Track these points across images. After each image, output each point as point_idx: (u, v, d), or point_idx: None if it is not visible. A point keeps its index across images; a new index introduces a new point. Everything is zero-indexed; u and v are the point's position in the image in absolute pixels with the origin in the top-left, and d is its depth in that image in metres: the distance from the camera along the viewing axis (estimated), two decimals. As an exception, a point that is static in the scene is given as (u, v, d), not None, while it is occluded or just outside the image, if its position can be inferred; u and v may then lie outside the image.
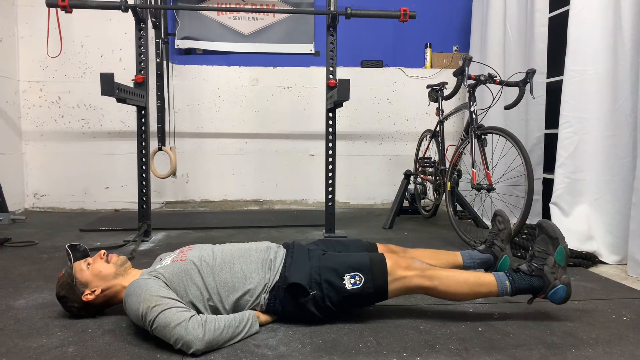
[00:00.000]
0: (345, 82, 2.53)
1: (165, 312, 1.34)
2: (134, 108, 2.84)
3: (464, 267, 1.85)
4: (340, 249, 1.79)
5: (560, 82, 2.68)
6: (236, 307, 1.52)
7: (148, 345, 1.39)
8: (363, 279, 1.52)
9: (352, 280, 1.52)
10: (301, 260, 1.60)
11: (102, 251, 1.63)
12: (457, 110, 3.13)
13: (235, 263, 1.57)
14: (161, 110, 3.44)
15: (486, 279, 1.57)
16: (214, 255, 1.60)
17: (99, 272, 1.56)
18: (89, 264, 1.58)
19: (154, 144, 3.26)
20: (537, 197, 2.99)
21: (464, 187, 3.09)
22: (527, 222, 2.78)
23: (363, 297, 1.53)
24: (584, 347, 1.42)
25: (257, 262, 1.59)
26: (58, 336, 1.46)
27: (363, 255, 1.61)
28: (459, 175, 3.02)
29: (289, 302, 1.53)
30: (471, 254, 1.90)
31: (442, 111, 3.34)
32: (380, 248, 1.87)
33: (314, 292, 1.51)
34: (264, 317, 1.55)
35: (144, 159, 2.85)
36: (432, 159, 3.48)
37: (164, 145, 3.46)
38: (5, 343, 1.42)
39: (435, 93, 3.39)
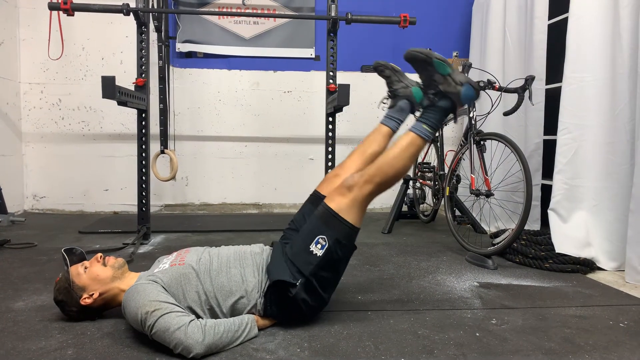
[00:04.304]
0: (346, 87, 2.55)
1: (164, 316, 1.34)
2: (134, 110, 2.85)
3: (394, 131, 1.85)
4: (301, 224, 1.73)
5: (559, 88, 2.69)
6: (233, 311, 1.53)
7: (147, 349, 1.39)
8: (325, 237, 1.53)
9: (319, 246, 1.53)
10: (276, 257, 1.60)
11: (99, 254, 1.62)
12: (456, 115, 3.14)
13: (231, 267, 1.58)
14: (163, 113, 3.45)
15: (407, 139, 1.62)
16: (210, 259, 1.60)
17: (96, 275, 1.55)
18: (85, 268, 1.57)
19: (154, 146, 3.26)
20: (536, 203, 2.99)
21: (462, 193, 3.10)
22: (526, 227, 2.80)
23: (338, 249, 1.54)
24: (582, 354, 1.42)
25: (253, 265, 1.59)
26: (57, 339, 1.47)
27: (311, 219, 1.61)
28: (458, 180, 3.03)
29: (282, 301, 1.53)
30: (389, 115, 1.86)
31: (442, 117, 3.35)
32: (323, 188, 1.81)
33: (300, 281, 1.51)
34: (262, 321, 1.55)
35: (144, 162, 2.86)
36: (431, 164, 3.49)
37: (167, 148, 3.47)
38: (4, 345, 1.42)
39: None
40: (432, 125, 1.63)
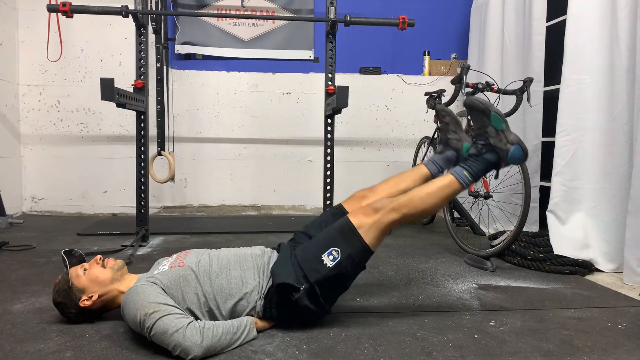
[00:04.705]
0: (344, 89, 2.55)
1: (163, 318, 1.34)
2: (133, 112, 2.85)
3: (433, 175, 1.87)
4: (316, 232, 1.75)
5: (558, 90, 2.69)
6: (233, 313, 1.53)
7: (145, 351, 1.39)
8: (339, 250, 1.53)
9: (331, 257, 1.53)
10: (283, 259, 1.60)
11: (98, 256, 1.62)
12: (455, 117, 3.14)
13: (231, 269, 1.58)
14: (161, 115, 3.45)
15: (445, 181, 1.63)
16: (210, 261, 1.60)
17: (95, 277, 1.55)
18: (85, 270, 1.57)
19: (152, 148, 3.26)
20: (534, 204, 3.00)
21: (461, 195, 3.09)
22: (524, 229, 2.80)
23: (349, 265, 1.53)
24: (580, 355, 1.43)
25: (253, 268, 1.59)
26: (55, 341, 1.46)
27: (329, 229, 1.62)
28: (457, 182, 3.02)
29: (283, 304, 1.53)
30: (434, 160, 1.90)
31: (440, 118, 3.35)
32: (348, 204, 1.85)
33: (304, 286, 1.51)
34: (261, 323, 1.55)
35: (142, 164, 2.86)
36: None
37: (164, 150, 3.47)
38: (3, 348, 1.42)
39: (433, 100, 3.40)
40: (473, 174, 1.64)
